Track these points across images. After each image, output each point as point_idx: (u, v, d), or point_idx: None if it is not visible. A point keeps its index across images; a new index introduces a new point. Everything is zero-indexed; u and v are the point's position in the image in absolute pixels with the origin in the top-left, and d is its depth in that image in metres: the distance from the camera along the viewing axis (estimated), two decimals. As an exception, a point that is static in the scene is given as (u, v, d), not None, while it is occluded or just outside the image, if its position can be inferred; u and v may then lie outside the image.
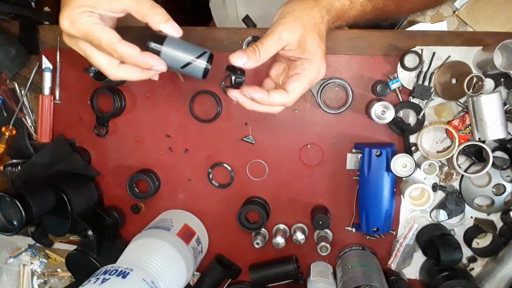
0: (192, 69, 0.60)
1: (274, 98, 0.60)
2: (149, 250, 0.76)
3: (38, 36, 0.87)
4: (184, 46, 0.59)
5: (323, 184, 0.86)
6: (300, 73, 0.60)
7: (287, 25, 0.59)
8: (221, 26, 1.16)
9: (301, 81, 0.60)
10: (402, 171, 0.77)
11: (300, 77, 0.60)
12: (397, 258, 0.84)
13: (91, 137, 0.89)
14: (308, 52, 0.60)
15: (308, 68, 0.60)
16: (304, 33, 0.59)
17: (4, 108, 0.90)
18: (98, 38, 0.56)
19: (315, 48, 0.60)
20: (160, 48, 0.58)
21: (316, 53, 0.60)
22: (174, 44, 0.59)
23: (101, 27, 0.56)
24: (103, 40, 0.56)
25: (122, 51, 0.56)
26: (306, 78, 0.60)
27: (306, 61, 0.60)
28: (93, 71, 0.80)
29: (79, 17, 0.55)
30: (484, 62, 0.74)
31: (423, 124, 0.80)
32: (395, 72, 0.79)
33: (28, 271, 1.02)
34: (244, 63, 0.58)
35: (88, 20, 0.56)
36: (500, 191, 0.81)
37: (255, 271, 0.87)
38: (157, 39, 0.58)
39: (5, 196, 0.74)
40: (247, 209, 0.84)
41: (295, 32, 0.59)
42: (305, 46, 0.59)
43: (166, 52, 0.58)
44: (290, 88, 0.60)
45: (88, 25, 0.56)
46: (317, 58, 0.60)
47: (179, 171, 0.89)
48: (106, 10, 0.57)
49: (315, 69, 0.60)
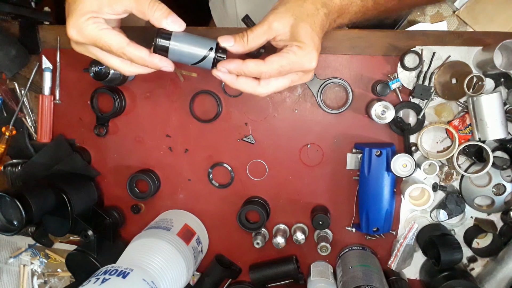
0: (202, 64, 0.60)
1: (249, 65, 0.59)
2: (149, 250, 0.76)
3: (38, 36, 0.87)
4: (191, 41, 0.59)
5: (323, 184, 0.86)
6: (284, 51, 0.59)
7: (277, 15, 0.59)
8: (220, 26, 1.16)
9: (281, 57, 0.58)
10: (402, 171, 0.77)
11: (282, 54, 0.59)
12: (397, 258, 0.84)
13: (91, 137, 0.89)
14: (299, 40, 0.58)
15: (295, 51, 0.58)
16: (295, 23, 0.58)
17: (4, 108, 0.90)
18: (107, 44, 0.57)
19: (307, 38, 0.59)
20: (168, 45, 0.58)
21: (308, 42, 0.58)
22: (181, 40, 0.59)
23: (108, 32, 0.57)
24: (113, 45, 0.57)
25: (131, 54, 0.58)
26: (288, 57, 0.58)
27: (295, 46, 0.58)
28: (93, 71, 0.79)
29: (85, 24, 0.56)
30: (484, 62, 0.74)
31: (423, 124, 0.80)
32: (395, 72, 0.79)
33: (28, 271, 1.02)
34: (230, 45, 0.58)
35: (95, 27, 0.57)
36: (500, 191, 0.81)
37: (255, 271, 0.87)
38: (163, 36, 0.58)
39: (5, 196, 0.74)
40: (247, 209, 0.84)
41: (286, 23, 0.58)
42: (296, 36, 0.59)
43: (174, 48, 0.59)
44: (267, 58, 0.58)
45: (96, 31, 0.57)
46: (308, 47, 0.58)
47: (179, 171, 0.89)
48: (109, 13, 0.57)
49: (301, 54, 0.58)
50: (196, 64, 0.60)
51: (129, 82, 0.86)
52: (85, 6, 0.56)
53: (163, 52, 0.59)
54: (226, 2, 1.10)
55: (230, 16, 1.10)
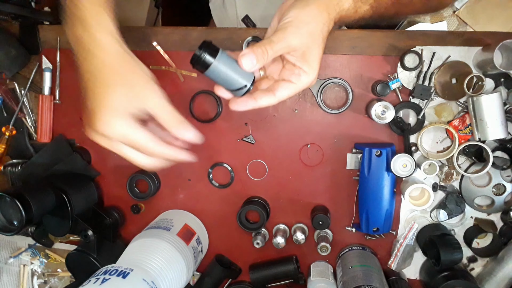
0: (235, 92, 0.59)
1: (261, 102, 0.61)
2: (149, 250, 0.75)
3: (38, 36, 0.87)
4: (233, 67, 0.57)
5: (323, 184, 0.86)
6: (293, 83, 0.60)
7: (298, 36, 0.58)
8: (220, 26, 1.16)
9: (290, 90, 0.60)
10: (402, 171, 0.77)
11: (291, 87, 0.60)
12: (397, 258, 0.84)
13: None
14: (308, 64, 0.60)
15: (303, 80, 0.60)
16: (311, 46, 0.59)
17: (4, 108, 0.90)
18: (134, 141, 0.57)
19: (316, 63, 0.60)
20: (211, 62, 0.56)
21: (315, 67, 0.60)
22: (224, 62, 0.56)
23: (136, 130, 0.57)
24: (141, 144, 0.57)
25: (159, 152, 0.58)
26: (297, 89, 0.61)
27: (303, 73, 0.60)
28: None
29: (114, 120, 0.56)
30: (484, 62, 0.74)
31: (423, 124, 0.80)
32: (395, 72, 0.79)
33: (28, 271, 1.02)
34: (253, 66, 0.57)
35: (124, 123, 0.56)
36: (500, 191, 0.81)
37: (255, 271, 0.87)
38: (209, 52, 0.55)
39: (5, 196, 0.74)
40: (247, 209, 0.84)
41: (303, 45, 0.58)
42: (307, 57, 0.59)
43: (216, 67, 0.56)
44: (278, 94, 0.60)
45: (125, 129, 0.57)
46: (314, 73, 0.60)
47: (179, 171, 0.89)
48: (136, 111, 0.57)
49: (307, 82, 0.61)
50: (228, 90, 0.60)
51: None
52: (115, 102, 0.56)
53: (202, 67, 0.56)
54: (226, 3, 1.10)
55: (230, 16, 1.10)
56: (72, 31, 0.57)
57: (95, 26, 0.56)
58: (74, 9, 0.57)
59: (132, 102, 0.57)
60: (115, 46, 0.57)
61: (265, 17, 1.05)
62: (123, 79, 0.57)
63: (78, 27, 0.57)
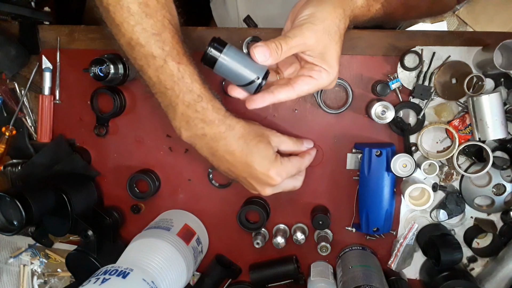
0: (246, 87, 0.59)
1: (280, 96, 0.61)
2: (149, 250, 0.75)
3: (38, 36, 0.87)
4: (242, 61, 0.57)
5: (323, 184, 0.86)
6: (314, 78, 0.60)
7: (314, 33, 0.57)
8: (221, 26, 1.16)
9: (310, 85, 0.60)
10: (402, 171, 0.77)
11: (312, 82, 0.60)
12: (397, 258, 0.84)
13: (91, 137, 0.89)
14: (327, 63, 0.59)
15: (324, 77, 0.60)
16: (328, 45, 0.58)
17: (4, 108, 0.90)
18: (291, 172, 0.72)
19: (334, 61, 0.60)
20: (217, 57, 0.56)
21: (335, 66, 0.60)
22: (233, 57, 0.56)
23: (288, 163, 0.70)
24: (295, 170, 0.72)
25: (306, 165, 0.76)
26: (318, 85, 0.60)
27: (324, 71, 0.60)
28: (93, 71, 0.79)
29: (276, 171, 0.67)
30: (484, 62, 0.74)
31: (423, 124, 0.80)
32: (395, 72, 0.79)
33: (28, 271, 1.02)
34: (266, 59, 0.56)
35: (280, 167, 0.68)
36: (500, 191, 0.81)
37: (255, 271, 0.87)
38: (215, 47, 0.56)
39: (5, 196, 0.74)
40: (247, 209, 0.84)
41: (320, 43, 0.58)
42: (326, 57, 0.59)
43: (222, 63, 0.56)
44: (297, 87, 0.60)
45: (283, 169, 0.69)
46: (334, 72, 0.60)
47: (179, 171, 0.89)
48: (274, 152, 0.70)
49: (328, 80, 0.60)
50: (239, 86, 0.59)
51: (129, 82, 0.86)
52: (266, 159, 0.67)
53: (209, 63, 0.56)
54: (227, 3, 1.09)
55: (231, 16, 1.09)
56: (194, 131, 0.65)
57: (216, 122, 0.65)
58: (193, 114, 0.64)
59: (270, 150, 0.68)
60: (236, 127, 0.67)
61: (267, 18, 1.04)
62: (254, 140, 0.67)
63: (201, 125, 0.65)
